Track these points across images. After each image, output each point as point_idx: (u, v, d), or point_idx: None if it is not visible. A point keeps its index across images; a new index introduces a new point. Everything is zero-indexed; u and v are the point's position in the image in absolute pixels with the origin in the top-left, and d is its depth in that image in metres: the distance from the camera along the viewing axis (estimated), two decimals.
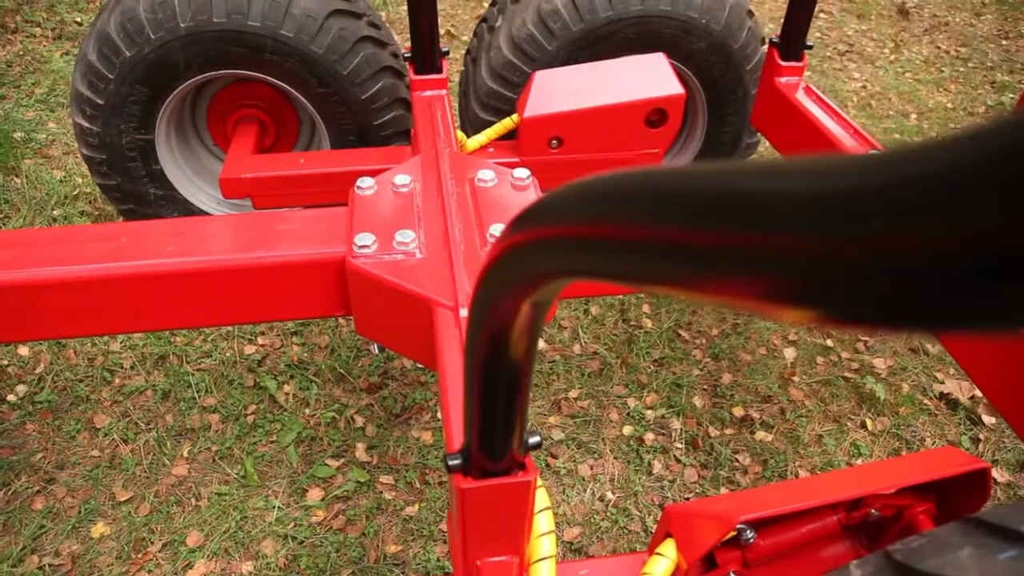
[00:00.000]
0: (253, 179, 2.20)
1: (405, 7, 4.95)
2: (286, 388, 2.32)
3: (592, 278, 0.53)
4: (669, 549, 1.17)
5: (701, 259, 0.37)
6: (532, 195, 1.65)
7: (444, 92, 2.13)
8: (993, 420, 2.29)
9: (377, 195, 1.62)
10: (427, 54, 2.07)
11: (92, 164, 2.36)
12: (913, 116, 4.08)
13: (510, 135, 2.25)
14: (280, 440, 2.16)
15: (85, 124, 2.25)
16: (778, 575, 1.28)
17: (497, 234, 1.48)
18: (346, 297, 1.54)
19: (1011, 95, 4.30)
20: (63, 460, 2.09)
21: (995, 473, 2.18)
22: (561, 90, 2.17)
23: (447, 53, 2.13)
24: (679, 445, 2.20)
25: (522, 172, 1.69)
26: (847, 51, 4.78)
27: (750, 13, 2.49)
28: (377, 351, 1.90)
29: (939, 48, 4.91)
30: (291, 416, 2.23)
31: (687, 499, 2.06)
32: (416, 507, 2.00)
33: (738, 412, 2.31)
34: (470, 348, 0.81)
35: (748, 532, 1.20)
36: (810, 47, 2.26)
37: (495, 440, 0.91)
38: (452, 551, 1.26)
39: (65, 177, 3.11)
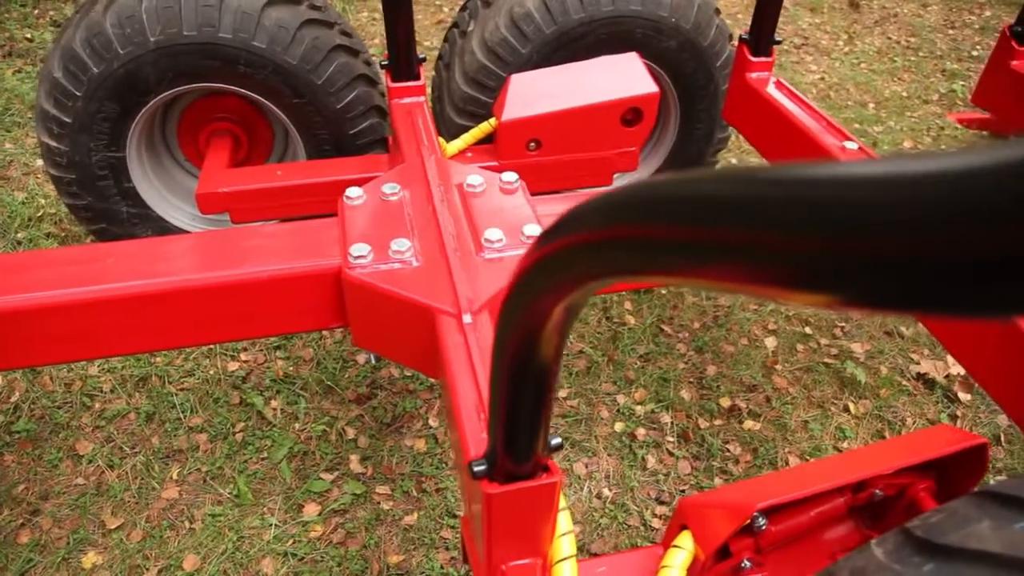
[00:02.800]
0: (231, 193, 2.17)
1: (365, 14, 4.93)
2: (273, 403, 2.28)
3: (632, 277, 0.55)
4: (686, 541, 1.19)
5: (736, 255, 0.40)
6: (521, 198, 1.65)
7: (423, 99, 2.13)
8: (969, 397, 2.37)
9: (366, 204, 1.61)
10: (404, 61, 2.07)
11: (60, 184, 2.30)
12: (871, 105, 4.19)
13: (487, 139, 2.25)
14: (271, 456, 2.13)
15: (52, 143, 2.19)
16: (789, 559, 1.31)
17: (492, 239, 1.49)
18: (342, 309, 1.53)
19: (961, 83, 4.45)
20: (47, 490, 2.03)
21: None
22: (537, 93, 2.18)
23: (424, 60, 2.13)
24: (671, 439, 2.23)
25: (510, 176, 1.69)
26: (803, 44, 4.90)
27: (717, 11, 2.54)
28: (373, 361, 1.88)
29: (890, 39, 5.05)
30: (281, 432, 2.20)
31: (683, 491, 2.09)
32: (415, 516, 1.99)
33: (725, 403, 2.35)
34: (499, 353, 0.81)
35: (760, 519, 1.22)
36: (779, 42, 2.31)
37: (520, 444, 0.92)
38: (470, 556, 1.26)
39: (27, 198, 3.02)
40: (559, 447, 0.97)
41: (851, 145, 1.94)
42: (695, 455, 2.19)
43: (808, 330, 2.63)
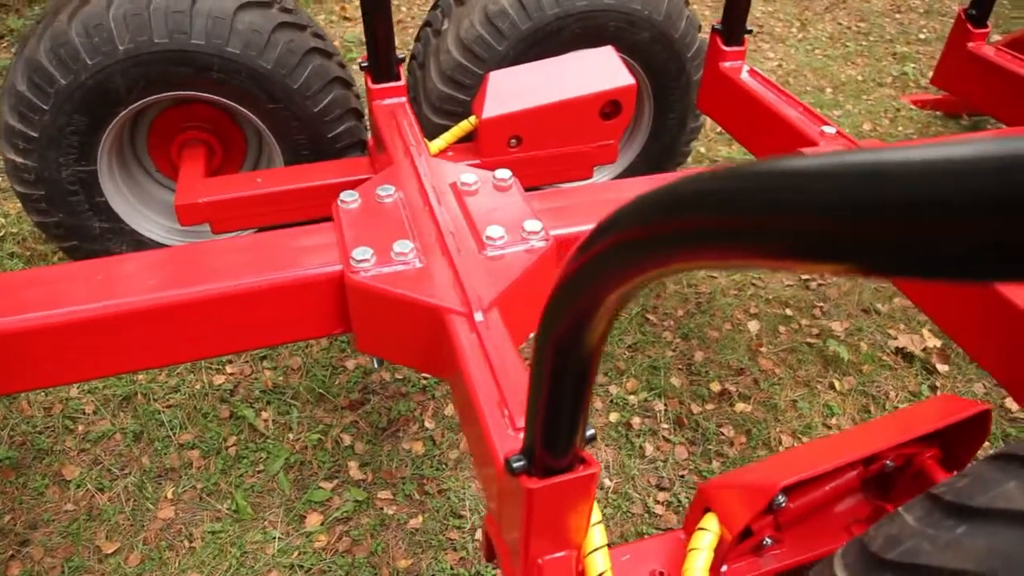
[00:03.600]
0: (211, 203, 2.12)
1: (322, 16, 4.86)
2: (264, 415, 2.25)
3: (686, 265, 0.57)
4: (711, 523, 1.21)
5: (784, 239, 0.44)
6: (516, 194, 1.65)
7: (404, 99, 2.11)
8: (946, 368, 2.45)
9: (363, 208, 1.59)
10: (384, 62, 2.05)
11: (28, 201, 2.22)
12: (828, 90, 4.30)
13: (467, 138, 2.25)
14: (268, 469, 2.09)
15: (18, 159, 2.12)
16: (807, 534, 1.34)
17: (494, 236, 1.49)
18: (345, 314, 1.51)
19: (912, 65, 4.59)
20: (35, 519, 1.96)
21: None
22: (516, 89, 2.19)
23: (403, 60, 2.11)
24: (665, 425, 2.26)
25: (503, 173, 1.69)
26: (758, 32, 4.99)
27: (687, 2, 2.57)
28: (376, 365, 1.86)
29: (841, 24, 5.19)
30: (275, 443, 2.16)
31: (682, 477, 2.12)
32: (420, 519, 1.98)
33: (715, 387, 2.39)
34: (543, 348, 0.82)
35: (780, 497, 1.25)
36: (750, 31, 2.35)
37: (560, 437, 0.92)
38: (499, 552, 1.26)
39: None
40: (593, 438, 0.98)
41: (829, 130, 1.99)
42: (691, 440, 2.22)
43: (789, 312, 2.69)
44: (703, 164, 3.54)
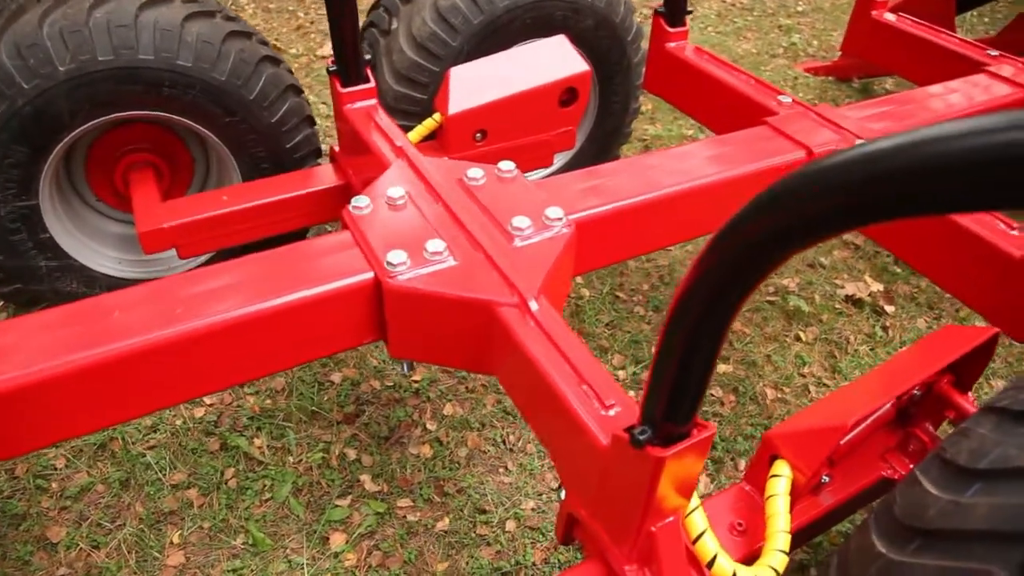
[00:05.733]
0: (177, 227, 2.01)
1: (254, 23, 4.63)
2: (258, 442, 2.15)
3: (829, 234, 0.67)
4: (783, 468, 1.28)
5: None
6: (524, 183, 1.67)
7: (375, 101, 2.07)
8: (893, 308, 2.68)
9: (376, 212, 1.56)
10: (353, 65, 1.99)
11: None
12: None
13: (430, 136, 2.23)
14: (276, 496, 2.01)
15: None
16: (851, 467, 1.45)
17: (522, 226, 1.50)
18: (377, 322, 1.48)
19: (798, 35, 4.93)
20: None
21: None
22: (479, 83, 2.19)
23: (370, 61, 2.07)
24: None
25: (507, 164, 1.71)
26: (648, 16, 5.19)
27: None
28: (406, 370, 1.81)
29: (725, 2, 5.48)
30: (277, 468, 2.07)
31: None
32: (446, 520, 1.97)
33: None
34: (680, 321, 0.85)
35: None
36: (691, 12, 2.46)
37: (685, 404, 0.95)
38: (582, 536, 1.28)
39: None
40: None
41: (785, 99, 2.12)
42: None
43: None
44: (632, 142, 3.67)
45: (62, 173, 2.21)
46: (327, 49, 4.46)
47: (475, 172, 1.67)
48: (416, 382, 2.35)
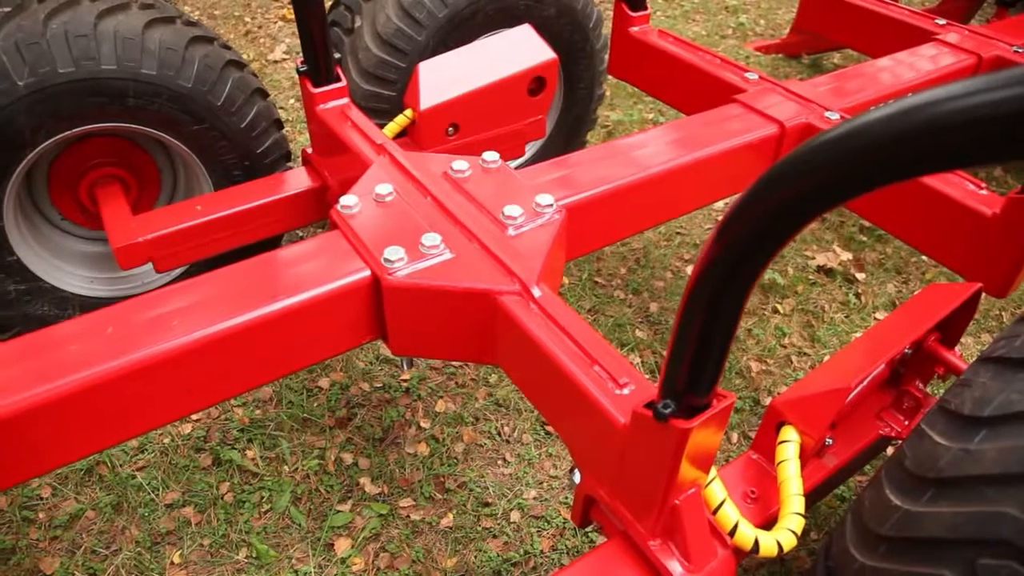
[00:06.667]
0: (153, 240, 1.96)
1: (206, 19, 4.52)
2: (250, 453, 2.11)
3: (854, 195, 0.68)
4: (791, 434, 1.31)
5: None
6: (509, 174, 1.67)
7: (348, 99, 2.05)
8: (863, 276, 2.76)
9: (366, 210, 1.55)
10: (323, 64, 1.97)
11: None
12: None
13: (402, 133, 2.22)
14: (275, 506, 1.98)
15: None
16: (853, 426, 1.49)
17: (514, 215, 1.50)
18: (376, 320, 1.47)
19: (745, 15, 5.02)
20: None
21: (879, 314, 2.65)
22: (449, 77, 2.18)
23: (340, 60, 2.04)
24: (647, 376, 2.37)
25: (491, 155, 1.71)
26: (600, 2, 5.23)
27: None
28: (406, 367, 1.79)
29: None
30: (273, 479, 2.04)
31: None
32: (450, 516, 1.96)
33: None
34: (701, 294, 0.87)
35: None
36: None
37: (707, 376, 0.97)
38: (602, 518, 1.29)
39: None
40: None
41: (752, 76, 2.17)
42: None
43: None
44: (595, 129, 3.69)
45: (24, 193, 2.13)
46: (278, 53, 4.39)
47: (460, 164, 1.67)
48: (405, 381, 2.33)
